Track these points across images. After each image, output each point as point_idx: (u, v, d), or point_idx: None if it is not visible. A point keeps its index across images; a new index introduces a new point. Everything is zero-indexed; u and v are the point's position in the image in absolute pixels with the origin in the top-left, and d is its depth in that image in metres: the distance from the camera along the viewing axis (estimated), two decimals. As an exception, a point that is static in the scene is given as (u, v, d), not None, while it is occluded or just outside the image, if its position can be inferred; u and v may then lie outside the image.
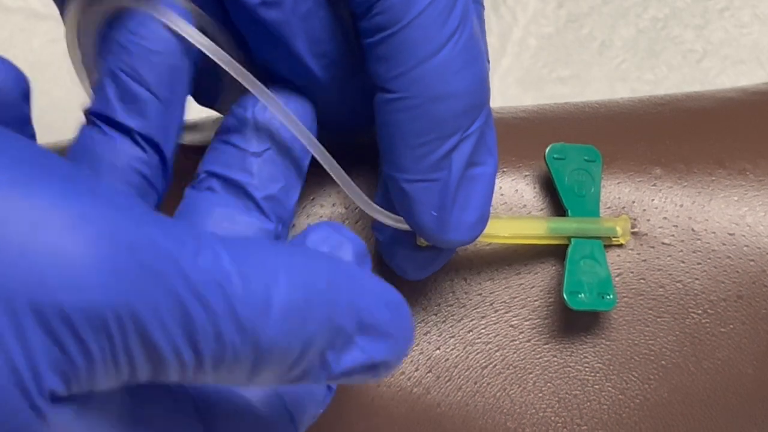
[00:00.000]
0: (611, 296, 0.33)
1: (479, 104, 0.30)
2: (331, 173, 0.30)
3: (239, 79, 0.28)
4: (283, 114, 0.29)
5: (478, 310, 0.34)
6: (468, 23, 0.29)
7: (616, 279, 0.34)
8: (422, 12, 0.28)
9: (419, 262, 0.32)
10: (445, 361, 0.34)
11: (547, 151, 0.34)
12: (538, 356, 0.34)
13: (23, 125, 0.26)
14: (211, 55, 0.28)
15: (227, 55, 0.28)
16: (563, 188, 0.34)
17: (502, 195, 0.35)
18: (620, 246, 0.35)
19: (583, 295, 0.33)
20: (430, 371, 0.34)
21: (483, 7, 0.33)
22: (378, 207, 0.31)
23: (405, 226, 0.31)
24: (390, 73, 0.29)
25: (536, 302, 0.34)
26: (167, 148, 0.28)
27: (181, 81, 0.29)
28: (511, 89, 0.53)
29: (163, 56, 0.28)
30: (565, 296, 0.33)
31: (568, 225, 0.34)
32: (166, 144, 0.28)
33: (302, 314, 0.21)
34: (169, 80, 0.28)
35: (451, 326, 0.34)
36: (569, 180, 0.34)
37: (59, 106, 0.46)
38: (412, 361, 0.34)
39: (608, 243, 0.34)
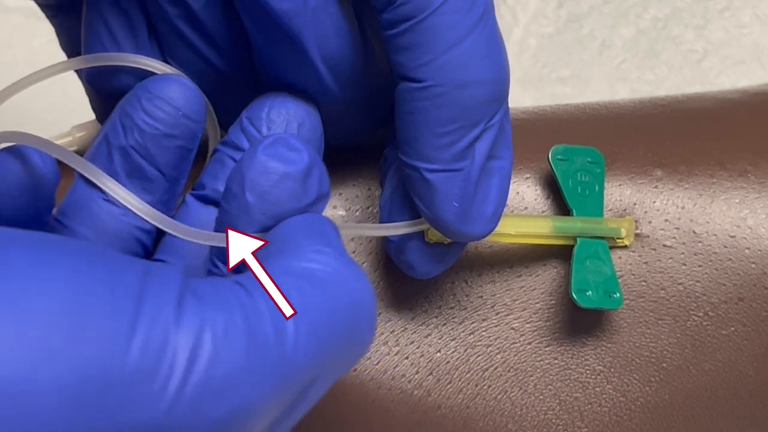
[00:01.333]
0: (618, 295, 0.33)
1: (502, 94, 0.30)
2: None
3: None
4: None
5: (479, 312, 0.34)
6: (491, 11, 0.29)
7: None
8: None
9: (429, 258, 0.32)
10: (446, 363, 0.34)
11: (550, 152, 0.34)
12: (539, 359, 0.34)
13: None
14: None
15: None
16: (567, 189, 0.34)
17: (503, 197, 0.34)
18: (622, 248, 0.35)
19: (590, 292, 0.33)
20: (430, 373, 0.34)
21: None
22: (391, 224, 0.31)
23: (408, 229, 0.31)
24: (415, 62, 0.29)
25: (537, 305, 0.34)
26: None
27: (188, 160, 0.30)
28: (511, 89, 0.53)
29: (177, 140, 0.29)
30: (573, 294, 0.33)
31: (573, 224, 0.34)
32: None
33: None
34: (178, 161, 0.30)
35: (452, 329, 0.34)
36: (573, 181, 0.34)
37: (59, 106, 0.46)
38: (412, 364, 0.34)
39: (612, 245, 0.34)
